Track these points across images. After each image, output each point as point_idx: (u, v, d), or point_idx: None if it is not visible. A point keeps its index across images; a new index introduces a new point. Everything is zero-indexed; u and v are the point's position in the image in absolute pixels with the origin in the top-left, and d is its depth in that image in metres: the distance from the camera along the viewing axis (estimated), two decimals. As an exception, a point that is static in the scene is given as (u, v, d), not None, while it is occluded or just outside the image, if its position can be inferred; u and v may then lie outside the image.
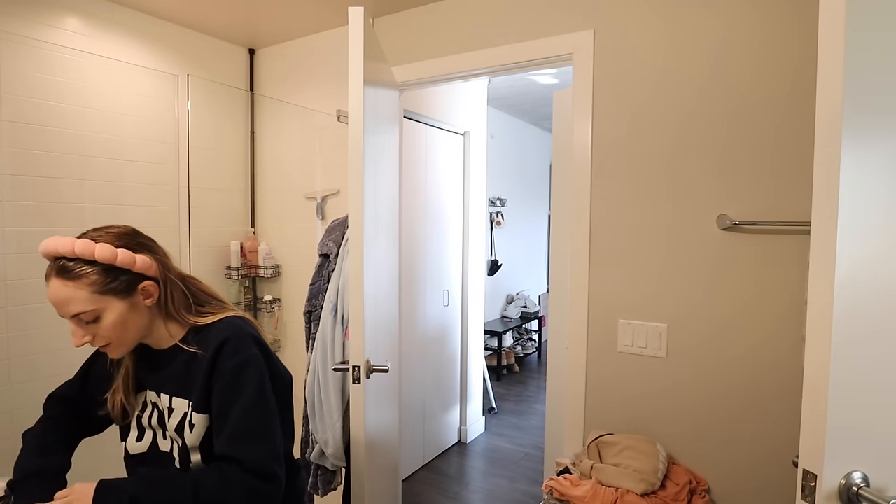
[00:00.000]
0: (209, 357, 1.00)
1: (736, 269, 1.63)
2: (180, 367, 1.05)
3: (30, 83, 1.99)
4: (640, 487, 1.55)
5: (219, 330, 1.04)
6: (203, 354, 1.02)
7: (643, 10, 1.76)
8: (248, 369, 1.00)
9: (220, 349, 1.00)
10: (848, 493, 0.79)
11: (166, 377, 1.07)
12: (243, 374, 0.99)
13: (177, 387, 1.05)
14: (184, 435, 1.02)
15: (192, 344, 1.04)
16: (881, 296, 0.82)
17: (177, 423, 1.04)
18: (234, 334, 1.02)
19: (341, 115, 2.46)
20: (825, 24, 0.78)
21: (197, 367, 1.02)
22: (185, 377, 1.04)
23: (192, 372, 1.03)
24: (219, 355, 1.00)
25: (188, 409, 1.02)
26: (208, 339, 1.03)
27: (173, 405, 1.05)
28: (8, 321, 1.95)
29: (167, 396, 1.06)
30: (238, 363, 0.99)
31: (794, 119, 1.53)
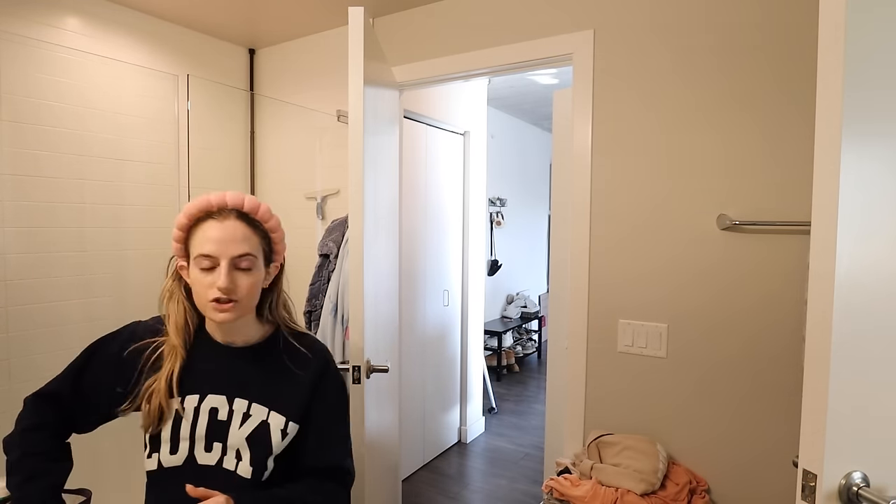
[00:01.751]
0: (314, 373, 1.05)
1: (736, 268, 1.63)
2: (266, 371, 1.03)
3: (30, 83, 1.99)
4: (640, 487, 1.55)
5: (314, 347, 1.08)
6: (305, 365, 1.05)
7: (643, 10, 1.76)
8: (345, 391, 1.11)
9: (328, 367, 1.07)
10: (848, 493, 0.79)
11: (242, 380, 1.01)
12: (343, 394, 1.11)
13: (259, 392, 1.01)
14: (265, 443, 0.98)
15: (285, 349, 1.05)
16: (881, 296, 0.82)
17: (251, 431, 0.98)
18: (329, 356, 1.11)
19: (341, 115, 2.46)
20: (825, 23, 0.78)
21: (291, 378, 1.03)
22: (273, 383, 1.02)
23: (281, 381, 1.02)
24: (326, 373, 1.06)
25: (283, 420, 1.00)
26: (305, 354, 1.06)
27: (251, 411, 0.99)
28: (8, 321, 1.95)
29: (243, 401, 1.00)
30: (342, 384, 1.10)
31: (794, 118, 1.53)
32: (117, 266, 2.28)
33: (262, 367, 1.03)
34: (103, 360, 1.07)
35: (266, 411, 1.00)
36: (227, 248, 0.95)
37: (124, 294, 2.30)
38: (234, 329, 1.03)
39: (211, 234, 0.95)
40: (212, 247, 0.94)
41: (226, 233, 0.95)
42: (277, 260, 1.07)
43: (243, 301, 0.97)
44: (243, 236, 0.97)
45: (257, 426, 0.99)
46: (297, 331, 1.10)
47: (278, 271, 1.09)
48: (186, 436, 0.98)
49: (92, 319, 2.20)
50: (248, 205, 1.00)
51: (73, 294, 2.14)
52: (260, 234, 1.01)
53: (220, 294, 0.93)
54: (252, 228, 0.99)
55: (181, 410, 0.98)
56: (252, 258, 0.97)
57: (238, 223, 0.97)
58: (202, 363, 1.02)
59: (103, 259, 2.23)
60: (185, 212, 0.99)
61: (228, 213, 0.98)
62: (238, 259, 0.96)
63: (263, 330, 1.07)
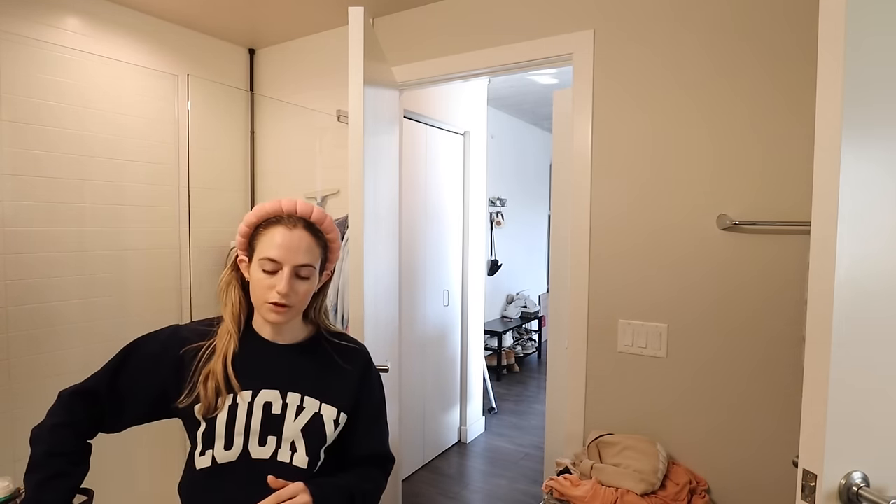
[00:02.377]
0: (361, 366, 1.13)
1: (736, 268, 1.63)
2: (315, 366, 1.09)
3: (30, 83, 1.99)
4: (640, 487, 1.55)
5: (355, 343, 1.17)
6: (350, 359, 1.12)
7: (643, 9, 1.76)
8: (382, 385, 1.19)
9: (369, 363, 1.16)
10: (848, 493, 0.79)
11: (293, 375, 1.06)
12: (382, 387, 1.19)
13: (310, 386, 1.06)
14: (319, 434, 1.03)
15: (329, 347, 1.12)
16: (881, 296, 0.82)
17: (305, 423, 1.02)
18: (367, 351, 1.18)
19: (341, 115, 2.46)
20: (825, 22, 0.78)
21: (339, 372, 1.10)
22: (322, 378, 1.07)
23: (330, 375, 1.09)
24: (368, 368, 1.14)
25: (335, 411, 1.05)
26: (351, 349, 1.14)
27: (305, 404, 1.04)
28: (8, 321, 1.95)
29: (296, 395, 1.04)
30: (380, 378, 1.18)
31: (795, 119, 1.53)
32: (117, 266, 2.28)
33: (310, 363, 1.08)
34: (141, 359, 1.07)
35: (318, 403, 1.04)
36: (292, 256, 1.00)
37: (124, 294, 2.30)
38: (284, 328, 1.08)
39: (279, 239, 1.01)
40: (278, 252, 1.00)
41: (293, 241, 1.01)
42: (329, 268, 1.12)
43: (297, 306, 1.03)
44: (308, 247, 1.02)
45: (311, 418, 1.03)
46: (336, 330, 1.17)
47: (329, 278, 1.15)
48: (241, 430, 1.00)
49: (92, 319, 2.20)
50: (315, 216, 1.06)
51: (73, 294, 2.13)
52: (321, 244, 1.06)
53: (278, 298, 0.99)
54: (316, 239, 1.05)
55: (220, 408, 1.00)
56: (311, 269, 1.03)
57: (305, 233, 1.03)
58: (253, 360, 1.05)
59: (103, 259, 2.23)
60: (256, 211, 1.06)
61: (297, 222, 1.03)
62: (300, 268, 1.01)
63: (307, 330, 1.13)
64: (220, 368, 1.01)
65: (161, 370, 1.04)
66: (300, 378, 1.06)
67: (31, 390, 2.01)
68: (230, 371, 1.01)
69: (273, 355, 1.07)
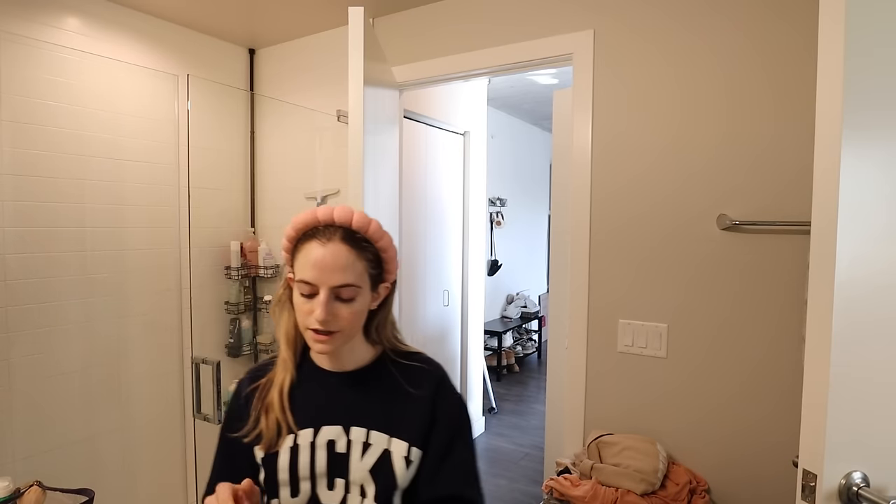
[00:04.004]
0: (432, 389, 0.94)
1: (736, 268, 1.63)
2: (380, 394, 0.93)
3: (30, 83, 1.98)
4: (640, 487, 1.55)
5: (427, 362, 0.98)
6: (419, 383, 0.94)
7: (643, 9, 1.76)
8: (467, 409, 0.98)
9: (442, 384, 0.96)
10: (848, 493, 0.79)
11: (356, 406, 0.93)
12: (465, 412, 0.97)
13: (376, 418, 0.91)
14: (389, 475, 0.88)
15: (395, 370, 0.95)
16: (881, 296, 0.82)
17: (374, 462, 0.88)
18: (444, 371, 0.98)
19: (341, 115, 2.46)
20: (825, 23, 0.78)
21: (406, 398, 0.93)
22: (388, 407, 0.92)
23: (397, 403, 0.93)
24: (441, 390, 0.95)
25: (405, 446, 0.90)
26: (420, 369, 0.96)
27: (371, 440, 0.90)
28: (8, 321, 1.95)
29: (361, 430, 0.90)
30: (460, 400, 0.97)
31: (794, 118, 1.53)
32: (117, 266, 2.28)
33: (374, 391, 0.94)
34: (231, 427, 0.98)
35: (387, 438, 0.90)
36: (328, 276, 0.85)
37: (124, 294, 2.30)
38: (342, 354, 0.94)
39: (312, 257, 0.86)
40: (311, 273, 0.85)
41: (328, 259, 0.85)
42: (388, 280, 0.96)
43: (345, 331, 0.88)
44: (346, 263, 0.86)
45: (380, 456, 0.89)
46: (406, 350, 1.00)
47: (389, 291, 0.98)
48: (307, 474, 0.89)
49: (92, 319, 2.20)
50: (356, 222, 0.89)
51: (73, 294, 2.13)
52: (367, 256, 0.89)
53: (318, 325, 0.85)
54: (358, 251, 0.88)
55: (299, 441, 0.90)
56: (354, 288, 0.87)
57: (342, 247, 0.86)
58: (311, 393, 0.94)
59: (103, 259, 2.23)
60: (292, 224, 0.91)
61: (333, 233, 0.87)
62: (338, 289, 0.86)
63: (372, 351, 0.98)
64: (277, 400, 0.91)
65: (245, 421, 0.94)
66: (364, 409, 0.92)
67: (31, 390, 2.01)
68: (285, 403, 0.91)
69: (332, 385, 0.94)
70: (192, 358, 2.41)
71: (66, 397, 2.12)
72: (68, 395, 2.12)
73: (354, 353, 0.95)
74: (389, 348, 0.98)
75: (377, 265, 0.92)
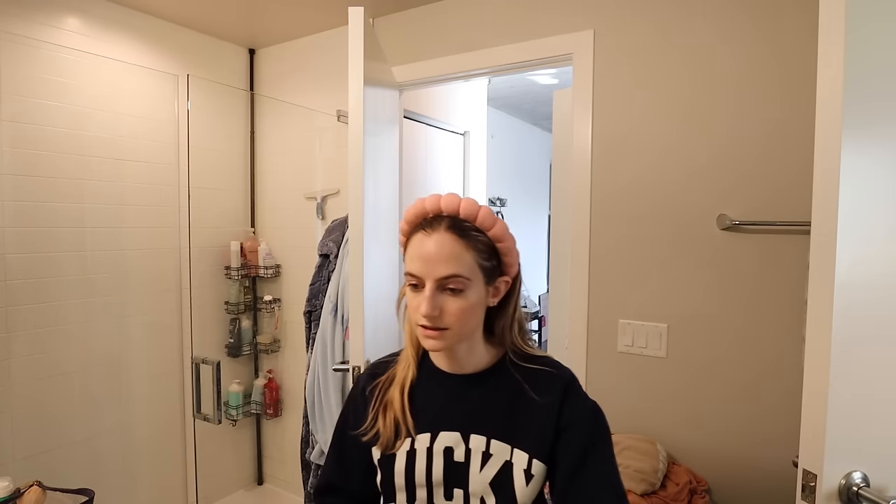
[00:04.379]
0: (558, 396, 0.85)
1: (736, 268, 1.63)
2: (501, 400, 0.87)
3: (30, 83, 1.98)
4: (640, 487, 1.55)
5: (555, 366, 0.90)
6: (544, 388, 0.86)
7: (643, 9, 1.76)
8: (602, 417, 0.88)
9: (570, 389, 0.87)
10: (848, 493, 0.79)
11: (475, 412, 0.87)
12: (601, 420, 0.87)
13: (496, 426, 0.85)
14: (508, 491, 0.82)
15: (517, 374, 0.88)
16: (881, 296, 0.82)
17: (495, 475, 0.82)
18: (572, 374, 0.90)
19: (341, 115, 2.46)
20: (825, 23, 0.78)
21: (530, 405, 0.85)
22: (510, 415, 0.85)
23: (520, 410, 0.86)
24: (569, 396, 0.86)
25: (526, 458, 0.82)
26: (546, 373, 0.88)
27: (492, 450, 0.84)
28: (8, 321, 1.95)
29: (480, 438, 0.84)
30: (593, 407, 0.88)
31: (795, 118, 1.53)
32: (117, 266, 2.28)
33: (496, 397, 0.87)
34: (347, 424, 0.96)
35: (509, 449, 0.83)
36: (431, 267, 0.80)
37: (124, 294, 2.30)
38: (458, 356, 0.89)
39: (417, 249, 0.82)
40: (416, 265, 0.82)
41: (432, 249, 0.81)
42: (509, 273, 0.89)
43: (455, 328, 0.82)
44: (451, 253, 0.80)
45: (501, 468, 0.83)
46: (531, 352, 0.91)
47: (510, 287, 0.90)
48: (423, 481, 0.85)
49: (92, 319, 2.20)
50: (464, 209, 0.83)
51: (73, 294, 2.13)
52: (479, 246, 0.83)
53: (424, 321, 0.81)
54: (467, 241, 0.82)
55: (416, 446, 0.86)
56: (462, 280, 0.81)
57: (448, 236, 0.81)
58: (431, 395, 0.90)
59: (103, 259, 2.23)
60: (404, 216, 0.88)
61: (439, 223, 0.83)
62: (444, 280, 0.80)
63: (493, 354, 0.91)
64: (398, 398, 0.88)
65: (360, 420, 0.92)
66: (484, 416, 0.86)
67: (31, 390, 2.01)
68: (405, 403, 0.87)
69: (452, 389, 0.89)
70: (192, 358, 2.41)
71: (66, 397, 2.12)
72: (68, 395, 2.12)
73: (474, 354, 0.89)
74: (513, 351, 0.90)
75: (491, 256, 0.85)
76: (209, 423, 2.31)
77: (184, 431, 2.54)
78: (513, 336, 0.90)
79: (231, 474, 2.79)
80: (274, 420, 2.79)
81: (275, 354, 2.80)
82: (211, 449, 2.64)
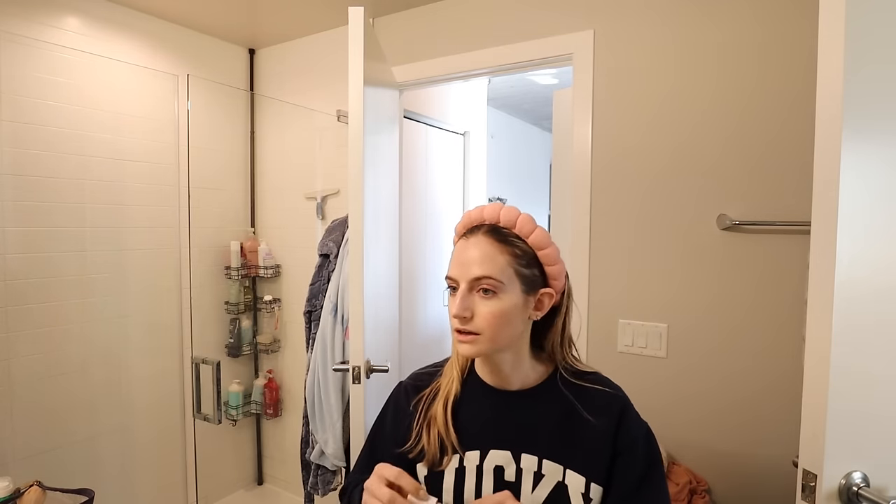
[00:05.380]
0: (615, 419, 0.84)
1: (736, 268, 1.63)
2: (553, 418, 0.84)
3: (30, 83, 1.98)
4: (640, 487, 1.55)
5: (608, 384, 0.89)
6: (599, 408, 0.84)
7: (643, 10, 1.76)
8: (655, 440, 0.88)
9: (626, 412, 0.85)
10: (848, 493, 0.79)
11: (526, 431, 0.84)
12: (654, 444, 0.87)
13: (548, 446, 0.83)
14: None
15: (569, 392, 0.86)
16: (881, 296, 0.82)
17: (547, 495, 0.80)
18: (625, 395, 0.89)
19: (341, 115, 2.46)
20: (825, 24, 0.78)
21: (584, 426, 0.83)
22: (563, 434, 0.83)
23: (574, 430, 0.83)
24: (624, 419, 0.84)
25: (583, 481, 0.81)
26: (600, 393, 0.86)
27: (544, 470, 0.82)
28: (8, 321, 1.95)
29: (532, 458, 0.83)
30: (647, 431, 0.87)
31: (795, 118, 1.53)
32: (117, 266, 2.28)
33: (547, 415, 0.85)
34: (384, 437, 0.95)
35: (561, 470, 0.81)
36: (465, 269, 0.81)
37: (124, 294, 2.30)
38: (503, 370, 0.86)
39: (457, 254, 0.84)
40: (453, 268, 0.83)
41: (467, 251, 0.82)
42: (554, 287, 0.85)
43: (487, 333, 0.80)
44: (484, 255, 0.80)
45: (553, 489, 0.81)
46: (583, 369, 0.90)
47: (559, 301, 0.88)
48: (472, 500, 0.83)
49: (92, 320, 2.20)
50: (504, 217, 0.83)
51: (73, 294, 2.13)
52: (516, 251, 0.82)
53: (457, 323, 0.81)
54: (504, 245, 0.81)
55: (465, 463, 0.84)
56: (495, 282, 0.79)
57: (485, 239, 0.82)
58: (478, 411, 0.87)
59: (103, 259, 2.23)
60: (455, 229, 0.89)
61: (479, 229, 0.84)
62: (476, 281, 0.80)
63: (542, 370, 0.89)
64: (441, 413, 0.86)
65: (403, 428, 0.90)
66: (535, 435, 0.84)
67: (31, 390, 2.01)
68: (449, 419, 0.85)
69: (501, 406, 0.86)
70: (192, 358, 2.41)
71: (66, 397, 2.12)
72: (68, 395, 2.12)
73: (520, 369, 0.87)
74: (564, 368, 0.88)
75: (531, 264, 0.83)
76: (209, 423, 2.31)
77: (184, 431, 2.54)
78: (563, 352, 0.89)
79: (231, 474, 2.79)
80: (274, 420, 2.79)
81: (275, 354, 2.80)
82: (211, 449, 2.64)
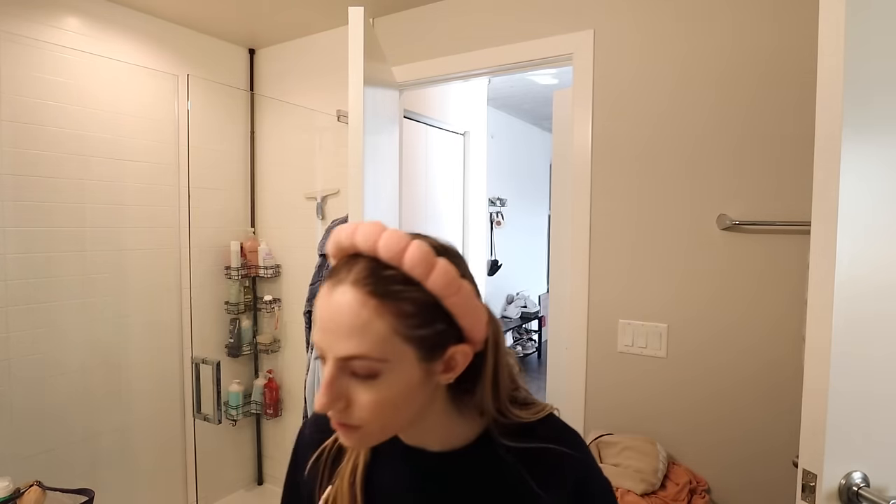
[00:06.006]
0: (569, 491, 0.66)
1: (736, 268, 1.63)
2: (488, 492, 0.64)
3: (30, 83, 1.98)
4: (640, 487, 1.55)
5: (563, 441, 0.67)
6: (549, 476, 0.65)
7: (643, 10, 1.76)
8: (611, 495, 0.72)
9: (588, 478, 0.68)
10: (848, 493, 0.79)
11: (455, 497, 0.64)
12: None
13: None
14: None
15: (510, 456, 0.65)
16: (881, 296, 0.82)
17: None
18: (586, 450, 0.70)
19: (341, 115, 2.46)
20: (825, 23, 0.78)
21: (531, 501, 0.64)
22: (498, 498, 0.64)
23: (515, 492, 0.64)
24: (586, 487, 0.67)
25: None
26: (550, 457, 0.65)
27: None
28: (8, 321, 1.95)
29: None
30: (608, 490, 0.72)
31: (795, 118, 1.53)
32: (117, 266, 2.28)
33: (482, 485, 0.64)
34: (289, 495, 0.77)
35: None
36: (330, 341, 0.55)
37: (124, 294, 2.30)
38: (417, 431, 0.65)
39: (318, 309, 0.57)
40: (315, 331, 0.57)
41: (327, 314, 0.55)
42: (472, 339, 0.59)
43: (372, 425, 0.57)
44: (353, 323, 0.53)
45: None
46: (527, 420, 0.66)
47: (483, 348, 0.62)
48: None
49: (92, 320, 2.19)
50: (385, 248, 0.55)
51: (73, 294, 2.13)
52: (404, 310, 0.54)
53: (333, 416, 0.58)
54: (383, 303, 0.54)
55: None
56: (371, 363, 0.54)
57: (353, 295, 0.54)
58: (390, 476, 0.66)
59: (103, 259, 2.23)
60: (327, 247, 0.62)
61: (348, 272, 0.56)
62: (346, 362, 0.54)
63: (473, 425, 0.66)
64: (347, 489, 0.64)
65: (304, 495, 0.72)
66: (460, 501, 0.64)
67: (31, 390, 2.01)
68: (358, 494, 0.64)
69: (418, 471, 0.65)
70: (192, 358, 2.41)
71: (66, 397, 2.12)
72: (68, 395, 2.12)
73: (437, 430, 0.64)
74: (500, 426, 0.65)
75: (431, 320, 0.56)
76: (209, 423, 2.31)
77: (184, 431, 2.54)
78: (498, 406, 0.64)
79: (231, 474, 2.79)
80: (274, 420, 2.79)
81: (275, 354, 2.80)
82: (211, 449, 2.64)
